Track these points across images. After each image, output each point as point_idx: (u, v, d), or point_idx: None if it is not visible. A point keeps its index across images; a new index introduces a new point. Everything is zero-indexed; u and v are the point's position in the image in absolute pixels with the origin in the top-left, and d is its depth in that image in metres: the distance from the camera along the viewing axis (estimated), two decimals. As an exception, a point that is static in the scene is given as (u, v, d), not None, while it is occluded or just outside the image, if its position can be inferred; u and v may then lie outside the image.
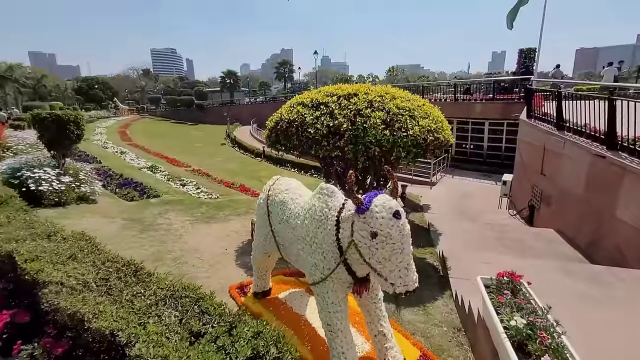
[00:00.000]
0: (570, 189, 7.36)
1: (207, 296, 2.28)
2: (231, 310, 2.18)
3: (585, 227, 6.67)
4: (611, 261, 5.58)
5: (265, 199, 3.38)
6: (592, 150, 6.48)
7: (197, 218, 7.15)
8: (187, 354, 1.67)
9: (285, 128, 5.23)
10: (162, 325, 1.92)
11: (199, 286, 2.39)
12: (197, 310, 2.10)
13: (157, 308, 2.08)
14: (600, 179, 6.25)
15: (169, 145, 24.85)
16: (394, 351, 2.65)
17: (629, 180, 5.49)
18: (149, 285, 2.34)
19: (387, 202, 2.14)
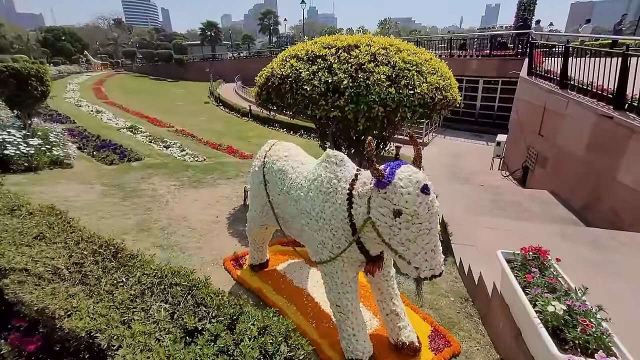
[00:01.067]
0: (570, 150, 7.19)
1: (202, 283, 1.97)
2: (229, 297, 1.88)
3: (582, 189, 6.61)
4: (606, 224, 5.57)
5: (260, 167, 2.99)
6: (598, 111, 6.20)
7: (183, 183, 6.72)
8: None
9: (277, 85, 4.68)
10: (150, 322, 1.62)
11: (191, 271, 2.08)
12: (190, 302, 1.80)
13: (143, 300, 1.77)
14: (604, 141, 6.06)
15: (148, 104, 23.41)
16: (407, 330, 2.49)
17: (636, 142, 5.30)
18: (132, 271, 2.01)
19: (413, 174, 1.80)
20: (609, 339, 1.69)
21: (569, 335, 1.75)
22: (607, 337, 1.69)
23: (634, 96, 5.61)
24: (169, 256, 3.87)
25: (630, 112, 5.67)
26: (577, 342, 1.71)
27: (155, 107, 22.21)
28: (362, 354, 2.32)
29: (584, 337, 1.69)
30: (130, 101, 22.99)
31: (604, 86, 6.38)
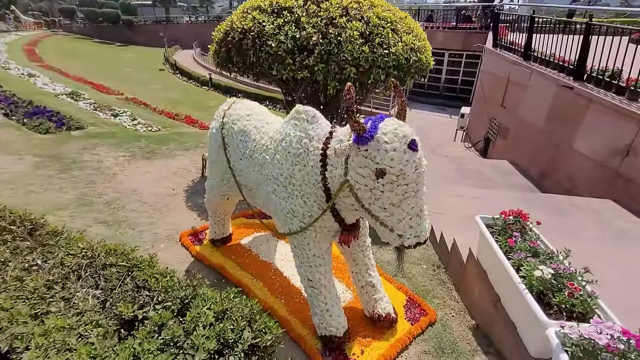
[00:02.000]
0: (531, 121, 7.40)
1: (145, 262, 1.62)
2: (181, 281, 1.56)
3: (540, 159, 6.88)
4: (562, 190, 5.84)
5: (219, 128, 2.59)
6: (559, 81, 6.34)
7: (134, 154, 6.04)
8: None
9: (238, 40, 4.13)
10: (72, 315, 1.26)
11: (132, 248, 1.70)
12: (130, 286, 1.46)
13: (65, 287, 1.40)
14: (563, 110, 6.25)
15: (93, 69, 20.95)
16: (384, 302, 2.33)
17: (592, 112, 5.48)
18: (52, 251, 1.60)
19: (399, 127, 1.54)
20: (594, 302, 1.62)
21: (554, 300, 1.66)
22: (592, 300, 1.62)
23: (593, 67, 5.75)
24: (115, 233, 3.39)
25: (589, 83, 5.84)
26: (563, 307, 1.62)
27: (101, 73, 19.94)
28: (337, 329, 2.14)
29: (571, 301, 1.60)
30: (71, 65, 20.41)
31: (565, 57, 6.51)
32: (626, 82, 5.02)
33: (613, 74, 5.28)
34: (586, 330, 1.35)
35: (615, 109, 4.97)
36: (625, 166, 4.77)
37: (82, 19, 48.56)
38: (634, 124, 4.62)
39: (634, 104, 4.83)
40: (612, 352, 1.25)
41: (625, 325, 1.40)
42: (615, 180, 4.93)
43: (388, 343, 2.20)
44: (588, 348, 1.29)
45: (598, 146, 5.29)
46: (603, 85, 5.50)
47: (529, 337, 1.79)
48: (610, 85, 5.37)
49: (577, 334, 1.36)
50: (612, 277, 2.53)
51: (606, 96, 5.20)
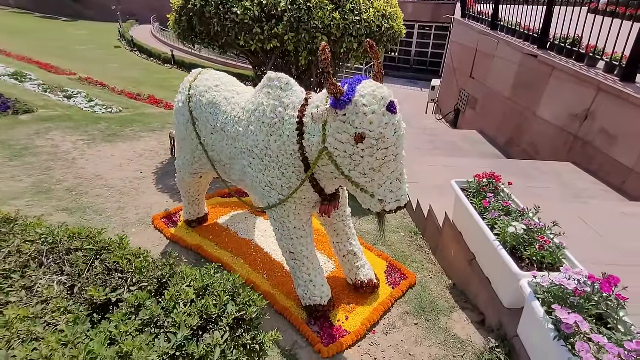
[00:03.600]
0: (497, 90, 7.61)
1: (115, 243, 1.52)
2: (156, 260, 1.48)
3: (506, 127, 7.14)
4: (526, 156, 6.15)
5: (186, 102, 2.42)
6: (524, 50, 6.50)
7: (94, 137, 5.62)
8: (87, 348, 1.00)
9: (200, 8, 3.84)
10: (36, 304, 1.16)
11: (99, 230, 1.59)
12: (99, 269, 1.36)
13: (25, 275, 1.28)
14: (527, 79, 6.45)
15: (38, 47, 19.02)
16: (366, 269, 2.37)
17: (555, 79, 5.70)
18: (6, 239, 1.45)
19: (377, 90, 1.49)
20: (562, 252, 1.72)
21: (526, 254, 1.75)
22: (560, 251, 1.72)
23: (556, 35, 5.92)
24: (80, 220, 3.18)
25: (552, 51, 6.02)
26: (534, 259, 1.72)
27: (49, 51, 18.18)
28: (321, 298, 2.16)
29: (541, 253, 1.70)
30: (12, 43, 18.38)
31: (530, 26, 6.65)
32: (586, 49, 5.22)
33: (574, 42, 5.47)
34: (557, 278, 1.43)
35: (575, 76, 5.18)
36: (583, 130, 5.04)
37: (19, -10, 43.36)
38: (592, 89, 4.85)
39: (593, 70, 5.06)
40: (579, 296, 1.34)
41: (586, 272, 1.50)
42: (574, 144, 5.22)
43: (371, 307, 2.26)
44: (558, 294, 1.38)
45: (559, 112, 5.54)
46: (565, 53, 5.69)
47: (503, 290, 1.89)
48: (571, 53, 5.56)
49: (548, 282, 1.44)
50: (571, 231, 2.72)
51: (568, 63, 5.40)
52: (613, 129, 4.51)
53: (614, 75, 4.75)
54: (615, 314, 1.31)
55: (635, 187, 4.11)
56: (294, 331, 2.14)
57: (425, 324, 2.19)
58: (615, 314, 1.31)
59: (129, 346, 1.02)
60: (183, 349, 1.10)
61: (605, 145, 4.60)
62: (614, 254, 2.26)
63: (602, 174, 4.63)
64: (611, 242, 2.40)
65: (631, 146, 4.21)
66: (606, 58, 4.84)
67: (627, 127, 4.30)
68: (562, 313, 1.26)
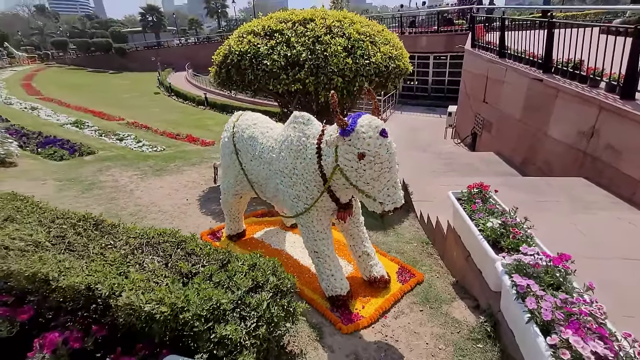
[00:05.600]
0: (509, 113, 7.97)
1: (189, 238, 2.12)
2: (219, 248, 2.06)
3: (520, 147, 7.42)
4: (541, 174, 6.37)
5: (230, 137, 3.11)
6: (530, 75, 6.93)
7: (145, 172, 6.55)
8: (185, 294, 1.56)
9: (237, 62, 4.70)
10: (146, 272, 1.75)
11: (177, 230, 2.20)
12: (181, 254, 1.95)
13: (135, 256, 1.89)
14: (536, 101, 6.82)
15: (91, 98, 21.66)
16: (378, 267, 2.82)
17: (561, 100, 6.05)
18: (117, 237, 2.10)
19: (372, 121, 2.06)
20: (531, 240, 2.11)
21: (504, 243, 2.15)
22: (530, 239, 2.11)
23: (558, 60, 6.35)
24: (144, 236, 3.88)
25: (556, 74, 6.42)
26: (510, 247, 2.11)
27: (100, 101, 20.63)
28: (341, 289, 2.62)
29: (514, 242, 2.09)
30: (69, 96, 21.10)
31: (534, 53, 7.12)
32: (587, 71, 5.59)
33: (575, 65, 5.86)
34: (518, 257, 1.83)
35: (579, 96, 5.53)
36: (591, 146, 5.30)
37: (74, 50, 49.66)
38: (594, 108, 5.17)
39: (594, 90, 5.40)
40: (534, 267, 1.73)
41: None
42: (584, 160, 5.46)
43: (383, 298, 2.68)
44: (519, 267, 1.78)
45: (568, 131, 5.83)
46: (568, 76, 6.08)
47: (489, 275, 2.27)
48: (574, 75, 5.94)
49: (512, 260, 1.84)
50: (578, 238, 3.01)
51: (571, 85, 5.78)
52: (618, 144, 4.77)
53: (615, 94, 5.07)
54: (565, 281, 1.68)
55: (644, 198, 4.29)
56: (319, 315, 2.60)
57: (429, 310, 2.57)
58: (565, 282, 1.68)
59: (210, 293, 1.57)
60: (243, 299, 1.63)
61: (612, 160, 4.83)
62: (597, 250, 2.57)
63: (613, 187, 4.82)
64: (595, 242, 2.70)
65: (637, 159, 4.43)
66: (606, 78, 5.19)
67: (630, 142, 4.56)
68: (518, 279, 1.66)
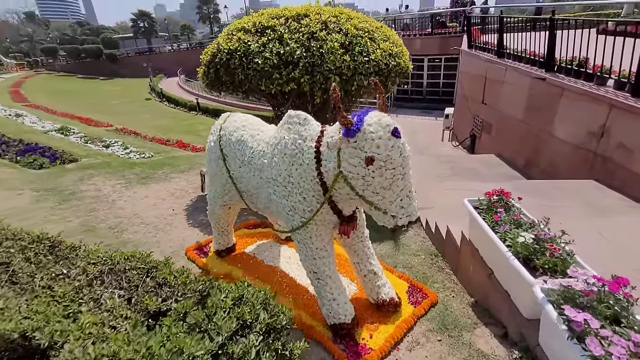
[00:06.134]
0: (511, 114, 7.72)
1: (162, 263, 1.74)
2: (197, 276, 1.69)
3: (523, 149, 7.16)
4: (546, 176, 6.09)
5: (217, 141, 2.75)
6: (533, 74, 6.69)
7: (130, 180, 6.14)
8: (147, 344, 1.19)
9: (225, 61, 4.36)
10: (101, 311, 1.38)
11: (149, 253, 1.83)
12: (150, 284, 1.58)
13: (92, 290, 1.51)
14: (539, 101, 6.57)
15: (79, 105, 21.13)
16: (387, 288, 2.47)
17: (566, 99, 5.80)
18: (74, 262, 1.71)
19: (382, 118, 1.72)
20: (572, 258, 1.78)
21: (539, 262, 1.82)
22: (571, 257, 1.78)
23: (561, 58, 6.12)
24: (122, 253, 3.48)
25: (560, 73, 6.18)
26: (546, 267, 1.78)
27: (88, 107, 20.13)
28: (345, 316, 2.26)
29: (552, 260, 1.76)
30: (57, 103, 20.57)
31: (535, 52, 6.90)
32: (593, 69, 5.35)
33: (580, 63, 5.62)
34: (564, 280, 1.50)
35: (586, 94, 5.27)
36: (601, 147, 5.03)
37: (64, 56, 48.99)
38: (604, 107, 4.91)
39: (602, 88, 5.15)
40: (588, 297, 1.40)
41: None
42: (594, 161, 5.18)
43: (394, 325, 2.32)
44: (567, 295, 1.45)
45: (575, 130, 5.57)
46: (573, 74, 5.83)
47: (521, 301, 1.93)
48: (579, 74, 5.70)
49: (558, 285, 1.51)
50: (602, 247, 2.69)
51: (576, 83, 5.52)
52: (631, 144, 4.50)
53: (625, 92, 4.82)
54: (627, 312, 1.36)
55: (663, 200, 4.01)
56: (321, 348, 2.23)
57: (449, 340, 2.22)
58: (627, 313, 1.36)
59: (181, 343, 1.20)
60: (224, 348, 1.27)
61: (625, 160, 4.56)
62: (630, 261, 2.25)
63: (627, 189, 4.54)
64: (623, 250, 2.38)
65: (651, 159, 4.16)
66: (614, 76, 4.95)
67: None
68: (571, 312, 1.33)
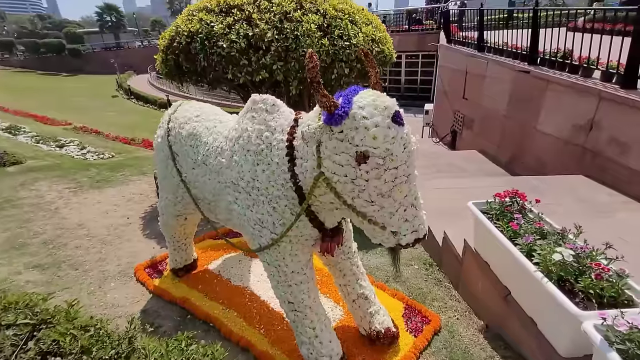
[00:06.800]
0: (494, 108, 7.52)
1: (61, 314, 1.18)
2: (113, 335, 1.14)
3: (507, 144, 6.96)
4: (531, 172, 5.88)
5: (165, 136, 2.19)
6: (516, 67, 6.48)
7: (81, 184, 5.38)
8: None
9: (185, 45, 3.76)
10: None
11: (44, 297, 1.26)
12: (33, 352, 1.02)
13: None
14: (523, 94, 6.37)
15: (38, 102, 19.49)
16: (381, 315, 1.99)
17: (552, 92, 5.59)
18: None
19: (378, 98, 1.24)
20: (624, 282, 1.39)
21: (579, 285, 1.42)
22: (623, 279, 1.39)
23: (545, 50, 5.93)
24: (51, 278, 2.82)
25: (544, 66, 5.99)
26: (590, 292, 1.38)
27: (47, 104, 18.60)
28: (330, 358, 1.77)
29: (600, 284, 1.36)
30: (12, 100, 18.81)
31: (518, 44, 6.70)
32: (579, 60, 5.16)
33: (565, 55, 5.43)
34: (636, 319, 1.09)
35: (572, 87, 5.06)
36: (590, 141, 4.82)
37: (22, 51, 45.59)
38: (593, 99, 4.70)
39: (589, 80, 4.95)
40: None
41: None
42: (583, 156, 4.98)
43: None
44: None
45: (562, 124, 5.36)
46: (557, 66, 5.64)
47: (556, 334, 1.52)
48: (564, 66, 5.51)
49: (626, 325, 1.10)
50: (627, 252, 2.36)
51: (562, 76, 5.32)
52: (623, 137, 4.29)
53: (613, 84, 4.64)
54: None
55: (659, 195, 3.80)
56: (299, 404, 1.74)
57: (461, 381, 1.79)
58: None
59: None
60: None
61: (617, 154, 4.35)
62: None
63: (620, 184, 4.33)
64: None
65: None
66: (602, 67, 4.76)
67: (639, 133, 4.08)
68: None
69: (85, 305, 2.45)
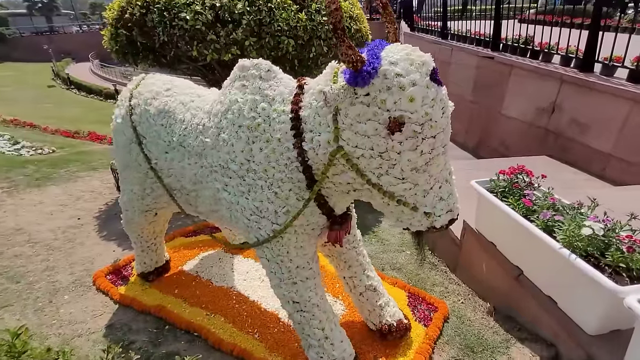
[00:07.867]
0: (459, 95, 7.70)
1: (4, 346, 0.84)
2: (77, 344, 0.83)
3: (473, 129, 7.17)
4: (497, 155, 6.12)
5: (126, 115, 1.81)
6: (480, 53, 6.65)
7: (17, 183, 4.62)
8: None
9: (140, 17, 3.26)
10: None
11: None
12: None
13: None
14: (488, 80, 6.56)
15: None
16: (391, 307, 1.83)
17: (515, 77, 5.81)
18: None
19: (412, 52, 1.03)
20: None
21: (606, 260, 1.35)
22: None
23: (507, 37, 6.14)
24: (-16, 295, 2.31)
25: (506, 52, 6.20)
26: (621, 266, 1.32)
27: (-35, 95, 16.10)
28: (343, 359, 1.57)
29: (631, 256, 1.30)
30: None
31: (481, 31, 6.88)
32: (540, 46, 5.37)
33: (526, 40, 5.65)
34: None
35: (535, 71, 5.26)
36: (553, 122, 5.06)
37: None
38: (555, 82, 4.91)
39: (550, 64, 5.18)
40: None
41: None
42: (546, 137, 5.22)
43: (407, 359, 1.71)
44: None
45: (525, 108, 5.58)
46: (519, 52, 5.86)
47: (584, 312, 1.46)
48: (525, 51, 5.73)
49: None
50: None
51: (525, 61, 5.53)
52: (583, 118, 4.53)
53: (572, 67, 4.88)
54: None
55: (616, 172, 4.07)
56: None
57: (483, 370, 1.69)
58: None
59: None
60: None
61: (578, 135, 4.59)
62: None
63: (581, 163, 4.58)
64: None
65: (605, 132, 4.21)
66: (562, 52, 4.98)
67: (597, 113, 4.33)
68: None
69: (34, 326, 2.01)
